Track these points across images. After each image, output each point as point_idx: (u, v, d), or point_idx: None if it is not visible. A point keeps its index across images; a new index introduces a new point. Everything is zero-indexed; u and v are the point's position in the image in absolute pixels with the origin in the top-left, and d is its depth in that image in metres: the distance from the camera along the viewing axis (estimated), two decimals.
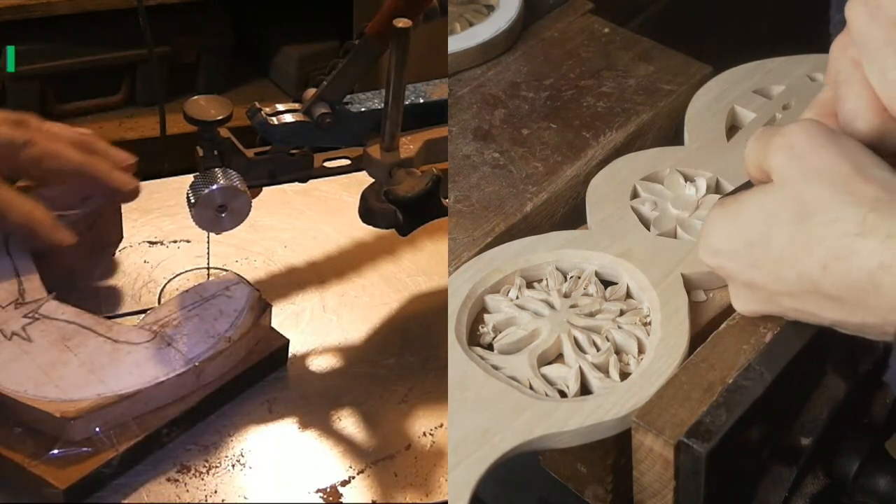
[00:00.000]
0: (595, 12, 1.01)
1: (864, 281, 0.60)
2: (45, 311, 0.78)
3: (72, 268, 0.87)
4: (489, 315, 0.74)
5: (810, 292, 0.63)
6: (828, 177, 0.63)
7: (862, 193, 0.61)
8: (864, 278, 0.60)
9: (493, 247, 0.78)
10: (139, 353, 0.77)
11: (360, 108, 0.84)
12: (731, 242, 0.67)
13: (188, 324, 0.79)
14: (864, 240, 0.60)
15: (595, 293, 0.75)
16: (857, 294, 0.61)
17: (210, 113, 0.79)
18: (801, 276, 0.63)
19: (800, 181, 0.64)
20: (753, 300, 0.69)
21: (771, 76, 0.91)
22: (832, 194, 0.62)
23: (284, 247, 0.94)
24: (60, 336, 0.77)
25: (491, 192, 0.83)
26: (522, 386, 0.69)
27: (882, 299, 0.59)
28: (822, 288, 0.62)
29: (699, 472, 0.64)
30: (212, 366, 0.77)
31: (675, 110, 0.90)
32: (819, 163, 0.63)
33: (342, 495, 0.76)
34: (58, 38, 1.67)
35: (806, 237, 0.62)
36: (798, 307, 0.66)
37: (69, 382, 0.74)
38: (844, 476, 0.73)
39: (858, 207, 0.60)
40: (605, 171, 0.83)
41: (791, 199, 0.64)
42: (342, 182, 0.91)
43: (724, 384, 0.67)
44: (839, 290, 0.62)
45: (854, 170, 0.62)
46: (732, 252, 0.67)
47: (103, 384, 0.74)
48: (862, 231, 0.60)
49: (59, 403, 0.73)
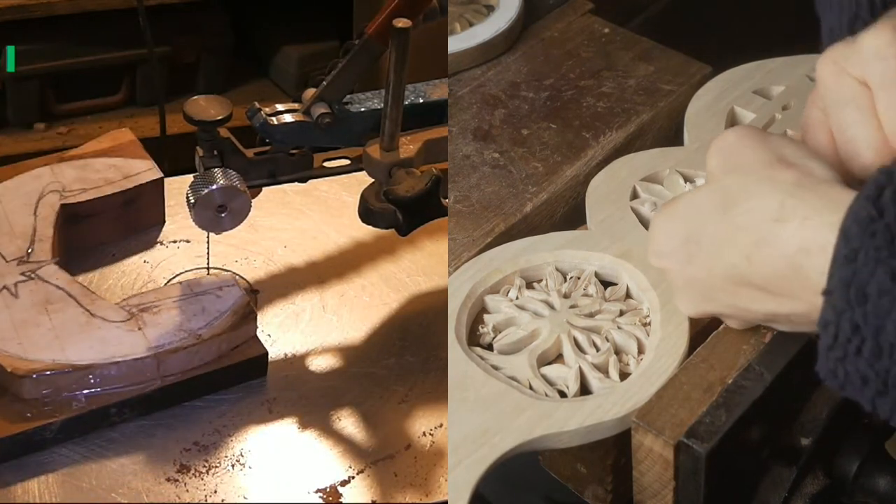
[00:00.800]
0: (595, 12, 1.01)
1: (785, 267, 0.59)
2: (42, 273, 0.82)
3: (105, 241, 0.91)
4: (489, 315, 0.74)
5: (739, 284, 0.63)
6: (749, 167, 0.63)
7: (780, 179, 0.61)
8: (785, 264, 0.59)
9: (493, 247, 0.78)
10: (108, 330, 0.79)
11: (360, 108, 0.84)
12: (670, 241, 0.68)
13: (167, 313, 0.80)
14: (783, 225, 0.59)
15: (595, 293, 0.75)
16: (781, 282, 0.60)
17: (210, 113, 0.79)
18: (729, 267, 0.63)
19: (724, 174, 0.65)
20: (694, 299, 0.69)
21: (771, 76, 0.91)
22: (752, 182, 0.62)
23: (284, 247, 0.94)
24: (45, 299, 0.80)
25: (491, 192, 0.83)
26: (522, 386, 0.69)
27: (805, 282, 0.59)
28: (749, 278, 0.62)
29: (699, 473, 0.64)
30: (174, 359, 0.78)
31: (674, 110, 0.90)
32: (743, 156, 0.64)
33: (342, 495, 0.76)
34: (58, 38, 1.67)
35: (730, 227, 0.63)
36: (731, 302, 0.66)
37: (32, 343, 0.77)
38: (844, 476, 0.73)
39: (776, 193, 0.60)
40: (605, 172, 0.83)
41: (717, 192, 0.64)
42: (342, 182, 0.91)
43: (724, 384, 0.67)
44: (764, 280, 0.61)
45: (775, 158, 0.63)
46: (672, 251, 0.68)
47: (62, 351, 0.77)
48: (780, 216, 0.60)
49: (15, 360, 0.76)
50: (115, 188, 0.90)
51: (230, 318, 0.81)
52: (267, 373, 0.83)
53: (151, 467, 0.76)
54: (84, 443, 0.77)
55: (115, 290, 0.88)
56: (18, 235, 0.85)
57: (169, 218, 0.95)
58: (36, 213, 0.87)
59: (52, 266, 0.83)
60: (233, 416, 0.80)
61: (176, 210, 0.94)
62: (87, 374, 0.76)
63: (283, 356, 0.85)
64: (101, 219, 0.90)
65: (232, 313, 0.81)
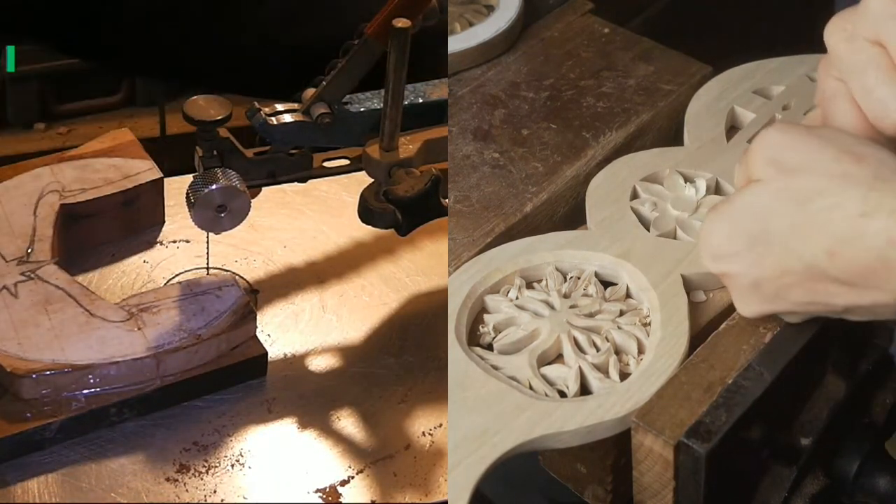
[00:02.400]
0: (595, 12, 1.01)
1: (873, 260, 0.60)
2: (42, 273, 0.82)
3: (104, 241, 0.91)
4: (489, 315, 0.74)
5: (819, 280, 0.63)
6: (816, 164, 0.63)
7: (857, 174, 0.61)
8: (872, 257, 0.60)
9: (492, 247, 0.78)
10: (107, 330, 0.79)
11: (360, 108, 0.84)
12: (733, 244, 0.67)
13: (166, 313, 0.80)
14: (869, 220, 0.59)
15: (595, 293, 0.75)
16: (867, 275, 0.61)
17: (209, 113, 0.79)
18: (808, 265, 0.63)
19: (787, 173, 0.64)
20: (760, 300, 0.68)
21: (771, 76, 0.91)
22: (827, 179, 0.62)
23: (284, 247, 0.94)
24: (44, 298, 0.80)
25: (491, 192, 0.83)
26: (522, 386, 0.69)
27: (893, 274, 0.59)
28: (830, 274, 0.62)
29: (699, 473, 0.64)
30: (174, 359, 0.78)
31: (675, 110, 0.90)
32: (802, 153, 0.64)
33: (341, 495, 0.76)
34: None
35: (806, 225, 0.62)
36: (808, 298, 0.65)
37: (32, 343, 0.77)
38: (844, 476, 0.73)
39: (857, 188, 0.60)
40: (605, 172, 0.82)
41: (783, 191, 0.64)
42: (342, 182, 0.91)
43: (724, 384, 0.67)
44: (848, 274, 0.61)
45: (840, 152, 0.63)
46: (735, 253, 0.67)
47: (62, 351, 0.77)
48: (865, 211, 0.60)
49: (14, 359, 0.76)
50: (114, 188, 0.90)
51: (230, 317, 0.81)
52: (267, 373, 0.83)
53: (151, 467, 0.76)
54: (84, 443, 0.77)
55: (115, 290, 0.88)
56: (18, 235, 0.85)
57: (169, 218, 0.95)
58: (36, 213, 0.87)
59: (51, 266, 0.83)
60: (232, 416, 0.80)
61: (176, 210, 0.94)
62: (86, 373, 0.76)
63: (283, 356, 0.85)
64: (100, 219, 0.90)
65: (231, 313, 0.81)
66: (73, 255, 0.88)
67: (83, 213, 0.89)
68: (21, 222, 0.86)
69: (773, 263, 0.65)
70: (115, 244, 0.92)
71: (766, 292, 0.67)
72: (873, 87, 0.65)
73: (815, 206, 0.62)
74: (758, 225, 0.65)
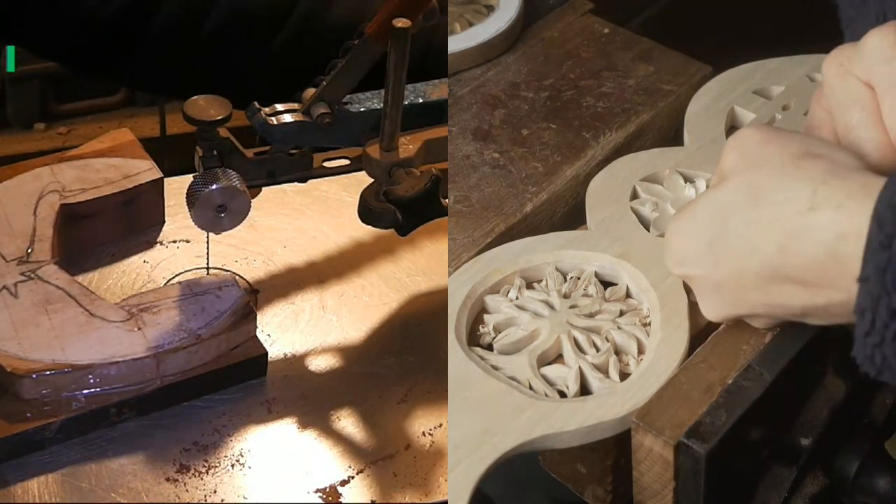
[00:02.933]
0: (595, 12, 1.01)
1: (822, 255, 0.59)
2: (42, 273, 0.82)
3: (104, 241, 0.91)
4: (489, 315, 0.74)
5: (773, 280, 0.63)
6: (776, 160, 0.63)
7: (808, 168, 0.61)
8: (822, 252, 0.59)
9: (492, 247, 0.78)
10: (107, 330, 0.79)
11: (360, 108, 0.84)
12: (693, 245, 0.67)
13: (167, 313, 0.80)
14: (817, 213, 0.59)
15: (595, 294, 0.75)
16: (818, 271, 0.60)
17: (209, 113, 0.79)
18: (762, 263, 0.63)
19: (749, 170, 0.64)
20: (722, 304, 0.68)
21: (771, 76, 0.91)
22: (781, 174, 0.62)
23: (284, 247, 0.94)
24: (44, 298, 0.80)
25: (491, 192, 0.83)
26: (522, 386, 0.69)
27: (843, 270, 0.58)
28: (783, 272, 0.62)
29: (699, 473, 0.64)
30: (174, 359, 0.78)
31: (675, 110, 0.90)
32: (767, 152, 0.64)
33: (341, 495, 0.76)
34: None
35: (760, 222, 0.62)
36: (765, 300, 0.65)
37: (32, 343, 0.77)
38: (844, 476, 0.73)
39: (808, 182, 0.60)
40: (605, 172, 0.82)
41: (742, 188, 0.64)
42: (342, 182, 0.91)
43: (724, 385, 0.67)
44: (800, 271, 0.61)
45: (802, 150, 0.63)
46: (696, 255, 0.67)
47: (62, 351, 0.77)
48: (813, 205, 0.59)
49: (14, 359, 0.76)
50: (114, 188, 0.90)
51: (230, 318, 0.81)
52: (267, 373, 0.83)
53: (151, 467, 0.76)
54: (84, 443, 0.77)
55: (115, 290, 0.88)
56: (18, 235, 0.85)
57: (169, 218, 0.95)
58: (36, 213, 0.87)
59: (51, 266, 0.83)
60: (232, 416, 0.80)
61: (176, 210, 0.94)
62: (86, 373, 0.76)
63: (283, 356, 0.85)
64: (100, 219, 0.90)
65: (231, 313, 0.81)
66: (73, 255, 0.88)
67: (83, 213, 0.89)
68: (21, 222, 0.86)
69: (730, 265, 0.65)
70: (115, 244, 0.92)
71: (727, 295, 0.67)
72: (854, 126, 0.65)
73: (768, 200, 0.62)
74: (717, 223, 0.65)
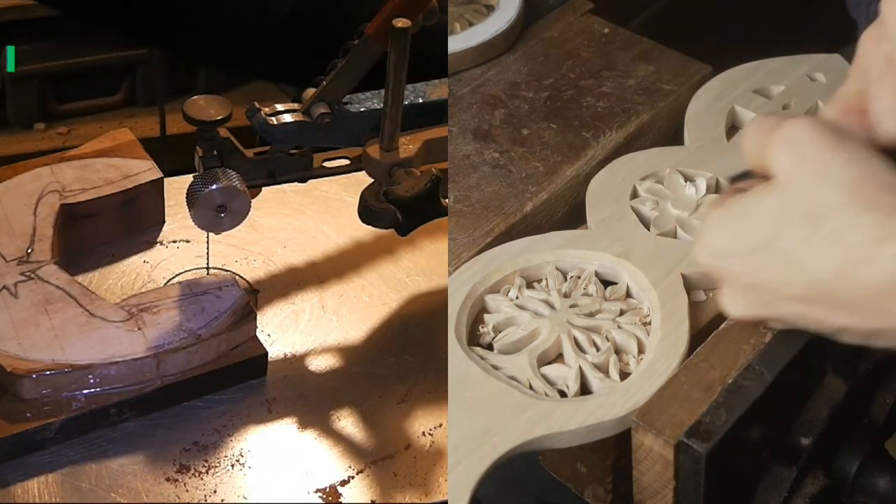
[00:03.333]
0: (595, 12, 1.01)
1: (884, 286, 0.59)
2: (42, 273, 0.82)
3: (104, 241, 0.91)
4: (489, 315, 0.74)
5: (820, 300, 0.62)
6: (838, 182, 0.61)
7: (877, 199, 0.60)
8: (884, 283, 0.59)
9: (492, 247, 0.78)
10: (107, 329, 0.79)
11: (360, 108, 0.84)
12: (736, 244, 0.66)
13: (167, 313, 0.80)
14: (883, 246, 0.59)
15: (595, 293, 0.75)
16: (875, 300, 0.60)
17: (210, 113, 0.79)
18: (812, 283, 0.62)
19: (807, 184, 0.62)
20: (753, 304, 0.67)
21: (771, 76, 0.91)
22: (845, 200, 0.61)
23: (284, 247, 0.94)
24: (44, 298, 0.81)
25: (491, 192, 0.83)
26: (522, 386, 0.69)
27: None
28: (834, 294, 0.61)
29: (699, 472, 0.64)
30: (174, 359, 0.78)
31: (675, 110, 0.90)
32: (827, 167, 0.62)
33: (341, 495, 0.76)
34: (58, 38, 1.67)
35: (818, 243, 0.61)
36: (803, 312, 0.64)
37: (32, 343, 0.77)
38: (844, 476, 0.73)
39: (875, 213, 0.59)
40: (605, 171, 0.82)
41: (800, 202, 0.62)
42: (342, 182, 0.91)
43: (724, 384, 0.67)
44: (855, 297, 0.61)
45: (865, 174, 0.61)
46: (736, 254, 0.66)
47: (62, 351, 0.77)
48: (880, 237, 0.59)
49: (14, 359, 0.76)
50: (114, 188, 0.90)
51: (230, 317, 0.81)
52: (267, 373, 0.83)
53: (151, 467, 0.76)
54: (84, 443, 0.77)
55: (115, 290, 0.88)
56: (18, 235, 0.85)
57: (169, 218, 0.95)
58: (36, 213, 0.87)
59: (51, 266, 0.83)
60: (232, 416, 0.80)
61: (176, 210, 0.94)
62: (86, 373, 0.76)
63: (283, 356, 0.85)
64: (100, 219, 0.90)
65: (231, 313, 0.81)
66: (73, 255, 0.88)
67: (83, 213, 0.89)
68: (21, 222, 0.86)
69: (774, 272, 0.64)
70: (115, 244, 0.92)
71: (761, 298, 0.66)
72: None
73: (830, 224, 0.61)
74: (767, 231, 0.64)
